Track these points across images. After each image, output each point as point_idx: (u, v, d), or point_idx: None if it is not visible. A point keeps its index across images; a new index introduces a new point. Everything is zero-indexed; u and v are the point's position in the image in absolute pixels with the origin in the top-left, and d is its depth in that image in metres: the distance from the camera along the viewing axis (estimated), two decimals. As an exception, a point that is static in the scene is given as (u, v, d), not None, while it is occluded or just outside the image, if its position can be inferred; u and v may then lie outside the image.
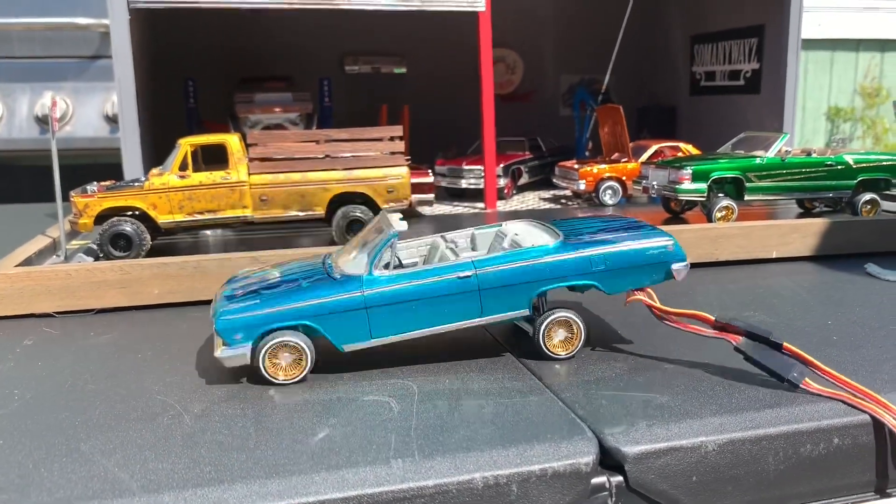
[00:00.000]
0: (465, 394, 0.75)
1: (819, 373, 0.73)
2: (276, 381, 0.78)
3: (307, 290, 0.80)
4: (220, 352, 0.78)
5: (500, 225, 0.94)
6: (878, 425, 0.69)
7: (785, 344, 0.75)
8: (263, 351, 0.78)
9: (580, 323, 0.83)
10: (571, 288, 0.85)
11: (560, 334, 0.84)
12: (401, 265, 0.86)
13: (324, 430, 0.67)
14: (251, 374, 0.79)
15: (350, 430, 0.67)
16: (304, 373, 0.79)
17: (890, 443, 0.70)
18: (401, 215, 0.87)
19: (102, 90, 2.38)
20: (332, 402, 0.73)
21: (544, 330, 0.83)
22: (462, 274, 0.80)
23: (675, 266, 0.84)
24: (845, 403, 0.70)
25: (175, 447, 0.64)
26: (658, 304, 0.83)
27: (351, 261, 0.83)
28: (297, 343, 0.78)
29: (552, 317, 0.83)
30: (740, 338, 0.78)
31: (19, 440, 0.66)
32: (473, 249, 0.94)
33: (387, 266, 0.80)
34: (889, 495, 0.72)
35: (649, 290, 0.85)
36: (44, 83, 2.37)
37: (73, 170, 1.38)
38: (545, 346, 0.83)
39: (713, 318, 0.79)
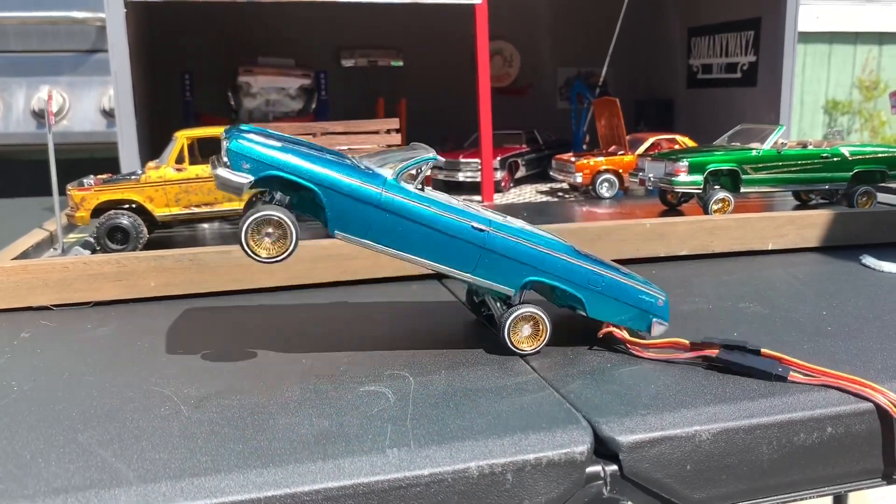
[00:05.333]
0: (460, 384, 0.75)
1: (803, 371, 0.74)
2: (258, 259, 0.76)
3: (331, 162, 0.77)
4: (221, 170, 0.75)
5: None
6: (881, 411, 0.70)
7: (763, 350, 0.76)
8: (248, 223, 0.74)
9: (545, 319, 0.83)
10: (553, 297, 0.86)
11: (526, 330, 0.83)
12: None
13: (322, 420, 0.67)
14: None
15: (346, 419, 0.67)
16: (287, 253, 0.76)
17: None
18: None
19: (99, 84, 2.38)
20: (328, 393, 0.74)
21: (510, 325, 0.82)
22: (476, 225, 0.80)
23: (656, 320, 0.85)
24: (840, 390, 0.71)
25: (172, 438, 0.65)
26: (631, 339, 0.83)
27: (379, 163, 0.81)
28: (282, 219, 0.75)
29: (517, 312, 0.82)
30: (717, 351, 0.78)
31: (17, 431, 0.66)
32: None
33: (412, 179, 0.79)
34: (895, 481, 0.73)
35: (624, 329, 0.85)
36: (40, 77, 2.37)
37: (69, 164, 1.38)
38: (510, 341, 0.83)
39: (688, 343, 0.80)
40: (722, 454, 0.67)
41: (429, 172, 0.80)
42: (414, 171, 0.80)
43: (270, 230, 0.76)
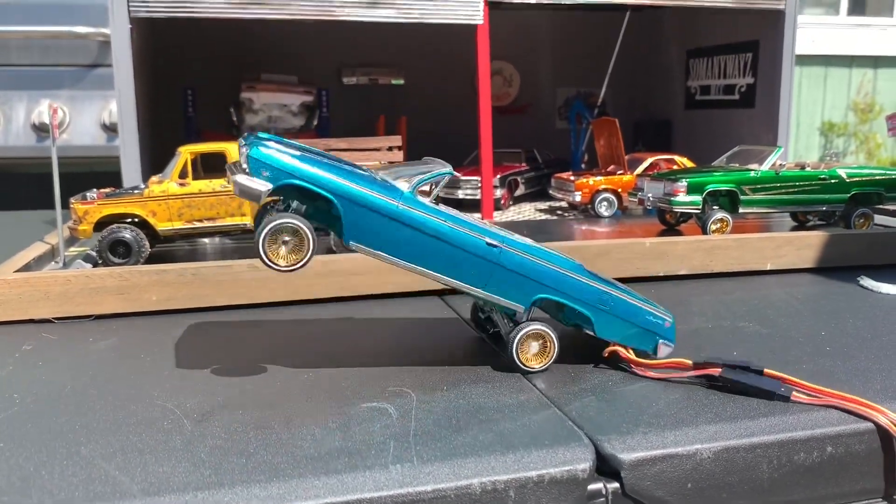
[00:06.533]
0: (462, 401, 0.75)
1: (805, 391, 0.74)
2: (276, 267, 0.76)
3: (349, 173, 0.78)
4: (240, 176, 0.75)
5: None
6: (881, 432, 0.70)
7: (766, 370, 0.77)
8: (265, 231, 0.75)
9: (553, 336, 0.83)
10: (561, 315, 0.86)
11: (534, 347, 0.83)
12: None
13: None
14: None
15: (349, 435, 0.67)
16: (305, 261, 0.76)
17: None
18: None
19: (100, 98, 2.39)
20: (331, 408, 0.74)
21: (518, 342, 0.82)
22: (490, 241, 0.80)
23: (662, 342, 0.85)
24: (841, 410, 0.71)
25: (175, 451, 0.65)
26: (635, 358, 0.84)
27: (395, 175, 0.81)
28: (299, 226, 0.75)
29: (526, 329, 0.82)
30: (720, 370, 0.78)
31: (20, 443, 0.67)
32: None
33: (427, 194, 0.80)
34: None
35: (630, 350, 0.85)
36: (41, 91, 2.38)
37: (69, 177, 1.38)
38: (518, 358, 0.83)
39: (690, 363, 0.80)
40: (723, 473, 0.67)
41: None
42: (428, 187, 0.80)
43: (287, 238, 0.76)
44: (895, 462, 0.71)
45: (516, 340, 0.82)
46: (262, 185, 0.75)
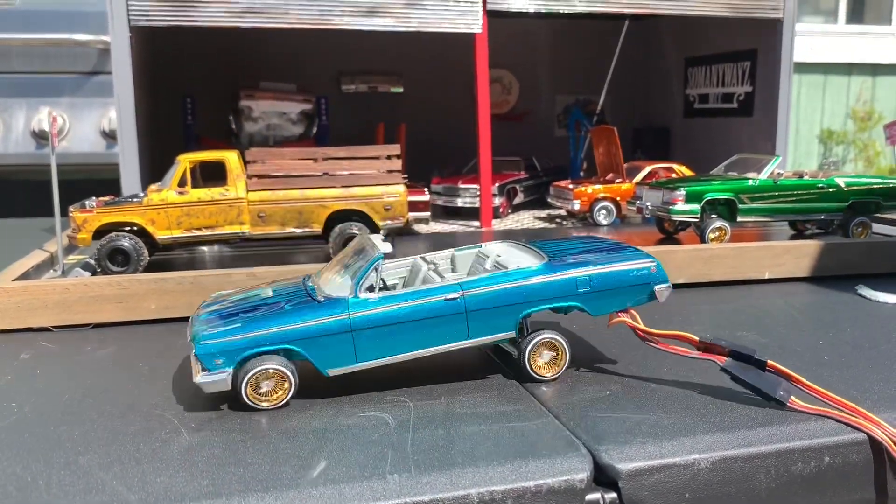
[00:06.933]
0: (460, 411, 0.75)
1: (804, 389, 0.75)
2: (260, 408, 0.76)
3: (290, 313, 0.78)
4: (200, 377, 0.75)
5: (480, 246, 0.94)
6: (873, 443, 0.70)
7: (769, 362, 0.77)
8: (245, 379, 0.75)
9: (564, 344, 0.83)
10: (556, 310, 0.85)
11: (545, 356, 0.83)
12: (385, 287, 0.85)
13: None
14: (231, 400, 0.78)
15: (347, 444, 0.67)
16: (288, 397, 0.77)
17: (887, 459, 0.71)
18: (383, 237, 0.86)
19: (99, 106, 2.39)
20: (329, 419, 0.74)
21: (530, 352, 0.82)
22: (449, 296, 0.79)
23: (657, 287, 0.84)
24: (836, 420, 0.71)
25: (173, 461, 0.65)
26: (642, 326, 0.83)
27: (334, 283, 0.82)
28: (278, 369, 0.76)
29: (537, 338, 0.82)
30: (725, 358, 0.78)
31: (17, 453, 0.67)
32: (453, 271, 0.93)
33: (371, 288, 0.79)
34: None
35: (633, 311, 0.85)
36: (40, 98, 2.38)
37: (68, 185, 1.38)
38: (531, 368, 0.82)
39: (697, 339, 0.80)
40: (720, 483, 0.67)
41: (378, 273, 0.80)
42: (371, 278, 0.79)
43: (268, 381, 0.76)
44: (890, 475, 0.71)
45: (528, 349, 0.82)
46: (223, 375, 0.75)
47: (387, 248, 0.81)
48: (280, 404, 0.77)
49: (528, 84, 2.46)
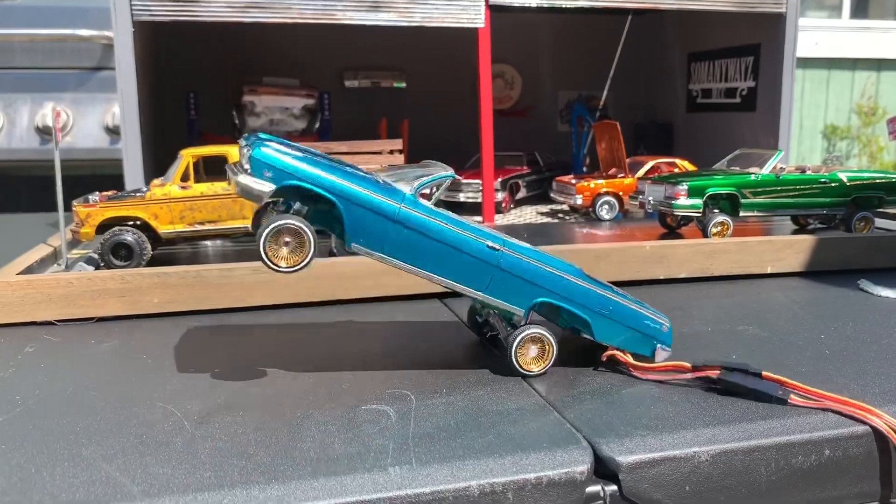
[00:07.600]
0: (461, 403, 0.76)
1: (803, 393, 0.75)
2: (277, 268, 0.76)
3: (351, 174, 0.78)
4: (242, 177, 0.75)
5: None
6: (876, 433, 0.70)
7: (764, 373, 0.77)
8: (266, 233, 0.74)
9: (552, 339, 0.83)
10: (559, 319, 0.86)
11: (532, 351, 0.83)
12: None
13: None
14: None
15: (348, 436, 0.68)
16: (306, 262, 0.76)
17: (892, 450, 0.71)
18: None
19: (103, 101, 2.39)
20: (330, 410, 0.74)
21: (517, 347, 0.83)
22: (491, 244, 0.81)
23: (660, 347, 0.85)
24: (837, 413, 0.72)
25: (175, 453, 0.65)
26: (634, 362, 0.84)
27: (397, 177, 0.81)
28: (299, 227, 0.75)
29: (524, 333, 0.83)
30: (718, 372, 0.78)
31: (21, 444, 0.67)
32: None
33: (427, 196, 0.80)
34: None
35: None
36: (44, 94, 2.38)
37: (72, 180, 1.39)
38: (517, 362, 0.83)
39: (689, 365, 0.81)
40: (721, 475, 0.68)
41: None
42: (429, 190, 0.81)
43: (288, 239, 0.76)
44: (891, 466, 0.71)
45: (515, 344, 0.82)
46: (264, 186, 0.75)
47: (456, 177, 0.83)
48: (297, 268, 0.76)
49: (530, 79, 2.46)
